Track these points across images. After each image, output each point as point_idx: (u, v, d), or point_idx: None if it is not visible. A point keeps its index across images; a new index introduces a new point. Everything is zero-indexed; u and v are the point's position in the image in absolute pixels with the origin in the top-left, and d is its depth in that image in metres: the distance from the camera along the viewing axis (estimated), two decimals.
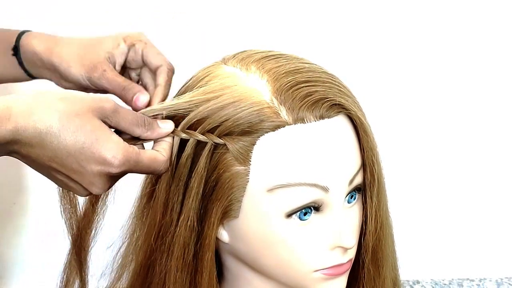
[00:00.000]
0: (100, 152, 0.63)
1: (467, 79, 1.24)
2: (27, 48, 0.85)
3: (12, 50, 0.86)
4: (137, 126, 0.67)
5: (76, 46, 0.83)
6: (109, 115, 0.65)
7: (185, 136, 0.68)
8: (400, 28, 1.20)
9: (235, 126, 0.67)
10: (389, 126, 1.21)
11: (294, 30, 1.18)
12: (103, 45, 0.82)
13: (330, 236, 0.70)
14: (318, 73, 0.70)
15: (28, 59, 0.86)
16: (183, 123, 0.69)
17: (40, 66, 0.85)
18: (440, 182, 1.28)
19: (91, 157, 0.63)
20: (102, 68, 0.80)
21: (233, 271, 0.77)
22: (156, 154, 0.67)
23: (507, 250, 1.33)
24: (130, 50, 0.82)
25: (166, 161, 0.67)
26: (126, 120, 0.66)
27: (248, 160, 0.68)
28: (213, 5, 1.17)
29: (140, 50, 0.81)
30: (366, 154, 0.71)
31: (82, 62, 0.81)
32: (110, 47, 0.81)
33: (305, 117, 0.67)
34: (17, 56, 0.86)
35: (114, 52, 0.81)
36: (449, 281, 1.33)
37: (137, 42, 0.81)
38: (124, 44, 0.82)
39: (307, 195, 0.68)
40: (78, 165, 0.63)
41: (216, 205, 0.69)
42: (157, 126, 0.68)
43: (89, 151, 0.63)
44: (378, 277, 0.77)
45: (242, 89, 0.69)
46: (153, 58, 0.81)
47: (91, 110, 0.63)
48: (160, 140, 0.69)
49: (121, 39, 0.82)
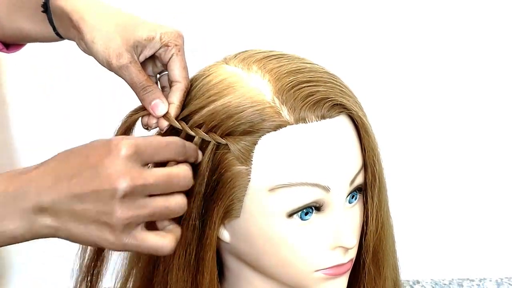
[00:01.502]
0: None
1: (468, 79, 1.24)
2: (56, 5, 0.78)
3: (42, 7, 0.79)
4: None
5: (108, 22, 0.74)
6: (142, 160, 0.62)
7: (192, 133, 0.69)
8: (400, 29, 1.20)
9: (237, 126, 0.67)
10: (390, 126, 1.21)
11: (295, 30, 1.18)
12: (137, 31, 0.74)
13: (331, 236, 0.70)
14: (320, 73, 0.70)
15: (58, 17, 0.78)
16: (191, 122, 0.69)
17: (68, 26, 0.77)
18: (440, 182, 1.28)
19: None
20: (127, 58, 0.73)
21: (234, 271, 0.77)
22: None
23: (507, 250, 1.33)
24: (161, 49, 0.75)
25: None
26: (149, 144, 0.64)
27: (250, 159, 0.68)
28: (214, 5, 1.17)
29: (170, 54, 0.75)
30: (367, 154, 0.71)
31: (108, 44, 0.73)
32: (144, 37, 0.74)
33: (307, 117, 0.67)
34: (47, 13, 0.79)
35: (146, 43, 0.74)
36: (449, 281, 1.33)
37: (172, 45, 0.74)
38: (159, 41, 0.74)
39: (308, 195, 0.68)
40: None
41: (217, 204, 0.69)
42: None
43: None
44: (379, 277, 0.77)
45: (244, 89, 0.69)
46: (177, 70, 0.74)
47: None
48: None
49: (158, 33, 0.74)
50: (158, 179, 0.61)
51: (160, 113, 0.72)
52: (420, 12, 1.20)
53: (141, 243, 0.62)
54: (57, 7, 0.78)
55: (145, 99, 0.72)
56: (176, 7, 1.16)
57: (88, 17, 0.75)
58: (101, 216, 0.60)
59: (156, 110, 0.72)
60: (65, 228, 0.61)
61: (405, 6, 1.20)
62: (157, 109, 0.72)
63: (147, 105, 0.72)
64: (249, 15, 1.17)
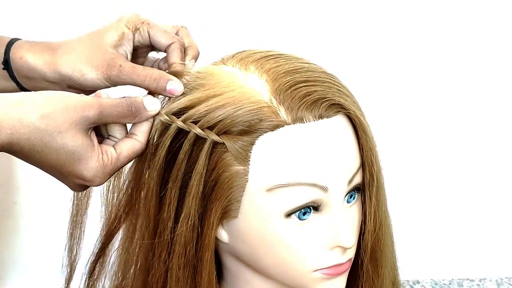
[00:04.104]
0: (81, 171, 0.65)
1: (466, 79, 1.24)
2: (21, 63, 0.78)
3: (2, 64, 0.79)
4: (124, 117, 0.68)
5: (80, 50, 0.76)
6: (94, 121, 0.65)
7: (184, 126, 0.68)
8: (399, 28, 1.20)
9: (234, 125, 0.67)
10: (388, 126, 1.21)
11: (293, 30, 1.18)
12: (106, 38, 0.76)
13: (329, 235, 0.70)
14: (317, 72, 0.70)
15: (23, 74, 0.79)
16: (185, 116, 0.69)
17: (38, 79, 0.78)
18: (439, 182, 1.28)
19: (72, 174, 0.65)
20: (117, 64, 0.74)
21: (232, 271, 0.77)
22: (133, 144, 0.69)
23: (507, 250, 1.33)
24: (135, 35, 0.77)
25: (143, 144, 0.69)
26: (113, 116, 0.67)
27: (247, 160, 0.68)
28: (212, 5, 1.17)
29: (145, 32, 0.77)
30: (365, 154, 0.71)
31: (93, 64, 0.74)
32: (116, 38, 0.76)
33: (304, 116, 0.67)
34: (8, 70, 0.79)
35: (121, 41, 0.76)
36: (449, 281, 1.33)
37: (140, 25, 0.76)
38: (128, 30, 0.76)
39: (306, 195, 0.68)
40: (61, 175, 0.66)
41: (215, 205, 0.69)
42: (144, 110, 0.69)
43: (70, 169, 0.64)
44: (377, 276, 0.77)
45: (241, 88, 0.69)
46: (161, 37, 0.76)
47: (75, 124, 0.63)
48: None
49: (124, 26, 0.76)
50: None
51: (178, 93, 0.71)
52: (419, 12, 1.20)
53: (118, 159, 0.67)
54: (22, 65, 0.78)
55: (159, 88, 0.72)
56: (176, 7, 1.16)
57: (62, 60, 0.76)
58: None
59: (175, 92, 0.71)
60: None
61: (404, 6, 1.20)
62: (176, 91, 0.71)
63: (163, 93, 0.72)
64: (247, 15, 1.17)
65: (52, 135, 0.62)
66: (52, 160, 0.63)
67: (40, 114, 0.62)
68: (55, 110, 0.63)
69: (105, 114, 0.66)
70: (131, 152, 0.69)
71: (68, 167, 0.64)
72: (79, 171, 0.65)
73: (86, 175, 0.65)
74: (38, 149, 0.62)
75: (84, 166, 0.64)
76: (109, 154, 0.67)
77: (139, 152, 0.70)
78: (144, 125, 0.70)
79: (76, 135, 0.63)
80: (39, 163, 0.64)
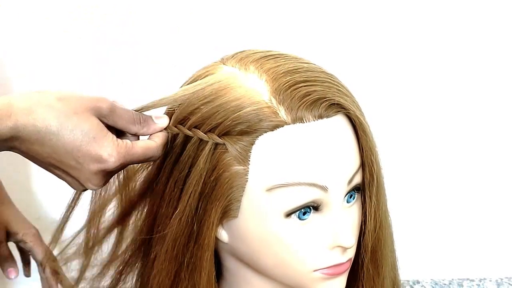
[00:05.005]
0: (96, 150, 0.65)
1: (466, 79, 1.24)
2: None
3: None
4: (133, 124, 0.69)
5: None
6: (106, 115, 0.67)
7: (190, 134, 0.69)
8: (399, 28, 1.20)
9: (234, 126, 0.67)
10: (388, 126, 1.21)
11: (293, 30, 1.18)
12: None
13: (329, 235, 0.70)
14: (317, 72, 0.70)
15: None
16: (189, 123, 0.69)
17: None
18: (439, 182, 1.28)
19: (88, 155, 0.65)
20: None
21: (232, 271, 0.77)
22: (149, 142, 0.70)
23: (507, 250, 1.33)
24: None
25: (159, 146, 0.70)
26: (123, 119, 0.68)
27: (247, 160, 0.68)
28: (212, 5, 1.17)
29: None
30: (365, 154, 0.71)
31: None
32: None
33: (304, 116, 0.67)
34: None
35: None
36: (449, 281, 1.33)
37: None
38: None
39: (306, 195, 0.68)
40: (76, 162, 0.66)
41: (215, 205, 0.69)
42: (153, 122, 0.71)
43: (86, 149, 0.65)
44: (377, 276, 0.77)
45: (241, 89, 0.69)
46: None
47: (89, 109, 0.65)
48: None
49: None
50: None
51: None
52: (419, 12, 1.20)
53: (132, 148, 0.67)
54: None
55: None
56: (175, 7, 1.16)
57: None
58: None
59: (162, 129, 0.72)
60: None
61: (403, 6, 1.20)
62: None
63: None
64: (247, 15, 1.17)
65: (68, 115, 0.64)
66: (68, 143, 0.64)
67: (57, 96, 0.65)
68: (72, 97, 0.66)
69: (116, 113, 0.68)
70: (145, 148, 0.69)
71: (84, 147, 0.65)
72: (94, 151, 0.65)
73: (102, 154, 0.65)
74: (54, 129, 0.64)
75: (99, 144, 0.65)
76: (123, 140, 0.68)
77: (153, 151, 0.70)
78: (161, 133, 0.71)
79: (90, 117, 0.65)
80: (54, 149, 0.65)
